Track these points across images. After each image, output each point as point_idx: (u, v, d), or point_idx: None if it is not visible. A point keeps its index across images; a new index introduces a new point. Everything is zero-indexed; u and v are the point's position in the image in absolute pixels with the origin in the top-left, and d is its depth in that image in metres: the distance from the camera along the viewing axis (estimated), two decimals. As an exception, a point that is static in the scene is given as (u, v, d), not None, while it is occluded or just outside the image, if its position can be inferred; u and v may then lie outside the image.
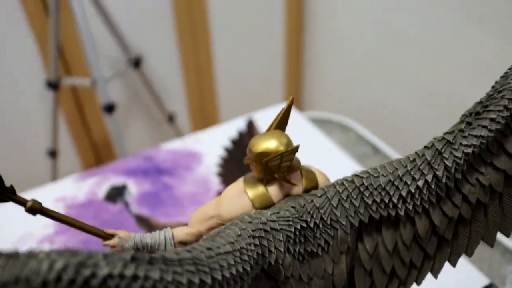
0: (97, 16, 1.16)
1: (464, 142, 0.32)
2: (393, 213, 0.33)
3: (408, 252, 0.34)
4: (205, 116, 1.61)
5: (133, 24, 1.32)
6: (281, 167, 0.33)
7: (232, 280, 0.28)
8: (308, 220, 0.32)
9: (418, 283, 0.36)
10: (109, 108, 1.17)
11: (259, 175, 0.34)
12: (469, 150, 0.32)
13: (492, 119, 0.32)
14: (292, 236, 0.32)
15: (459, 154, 0.32)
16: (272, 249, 0.31)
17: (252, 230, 0.30)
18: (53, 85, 1.18)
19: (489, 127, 0.32)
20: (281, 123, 0.35)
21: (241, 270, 0.28)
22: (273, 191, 0.34)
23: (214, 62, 1.50)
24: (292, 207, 0.33)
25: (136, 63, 1.28)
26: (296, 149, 0.32)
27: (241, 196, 0.34)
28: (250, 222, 0.31)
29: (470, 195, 0.33)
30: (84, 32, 1.07)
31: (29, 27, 1.20)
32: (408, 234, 0.34)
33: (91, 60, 1.10)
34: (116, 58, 1.34)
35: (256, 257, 0.30)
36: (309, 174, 0.36)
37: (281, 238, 0.31)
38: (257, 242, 0.30)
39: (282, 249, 0.31)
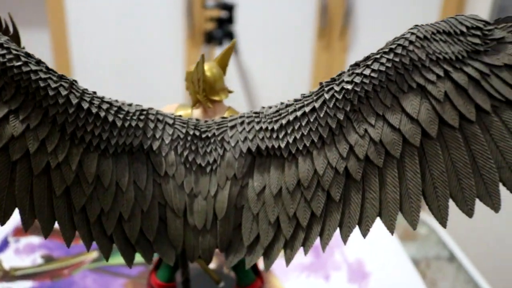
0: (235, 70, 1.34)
1: (346, 79, 0.32)
2: (277, 145, 0.33)
3: (293, 202, 0.33)
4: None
5: (266, 84, 1.46)
6: (200, 82, 0.37)
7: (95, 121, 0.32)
8: (203, 130, 0.35)
9: (305, 250, 0.34)
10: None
11: (191, 98, 0.39)
12: (349, 87, 0.31)
13: (376, 59, 0.31)
14: (182, 137, 0.35)
15: (337, 88, 0.32)
16: (157, 136, 0.34)
17: (147, 113, 0.35)
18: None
19: (372, 66, 0.31)
20: (222, 61, 0.40)
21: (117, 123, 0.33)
22: (196, 114, 0.39)
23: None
24: (197, 119, 0.36)
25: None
26: (202, 56, 0.36)
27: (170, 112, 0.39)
28: (151, 109, 0.35)
29: (357, 148, 0.32)
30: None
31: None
32: (291, 177, 0.33)
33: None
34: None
35: (137, 134, 0.34)
36: (235, 112, 0.39)
37: (170, 132, 0.35)
38: (142, 124, 0.34)
39: (167, 142, 0.35)
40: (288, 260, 0.34)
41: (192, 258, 0.36)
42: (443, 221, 0.32)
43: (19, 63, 0.30)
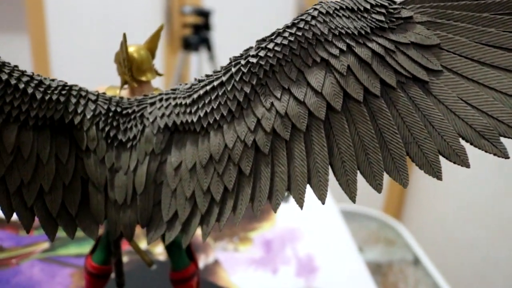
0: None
1: (252, 53, 0.33)
2: (190, 120, 0.34)
3: (206, 176, 0.34)
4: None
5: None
6: (125, 61, 0.38)
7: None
8: (124, 107, 0.36)
9: (220, 224, 0.34)
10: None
11: (120, 79, 0.40)
12: (254, 60, 0.32)
13: (280, 34, 0.32)
14: (104, 113, 0.35)
15: (243, 62, 0.33)
16: (79, 111, 0.35)
17: (70, 89, 0.35)
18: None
19: (276, 40, 0.32)
20: (151, 44, 0.41)
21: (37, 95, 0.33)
22: (124, 94, 0.39)
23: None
24: (121, 97, 0.37)
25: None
26: (124, 36, 0.37)
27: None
28: (74, 86, 0.36)
29: (264, 121, 0.32)
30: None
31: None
32: (204, 152, 0.34)
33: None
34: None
35: (58, 108, 0.34)
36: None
37: (92, 108, 0.35)
38: (63, 99, 0.34)
39: (89, 117, 0.35)
40: (204, 236, 0.34)
41: (114, 233, 0.36)
42: (352, 196, 0.32)
43: None
